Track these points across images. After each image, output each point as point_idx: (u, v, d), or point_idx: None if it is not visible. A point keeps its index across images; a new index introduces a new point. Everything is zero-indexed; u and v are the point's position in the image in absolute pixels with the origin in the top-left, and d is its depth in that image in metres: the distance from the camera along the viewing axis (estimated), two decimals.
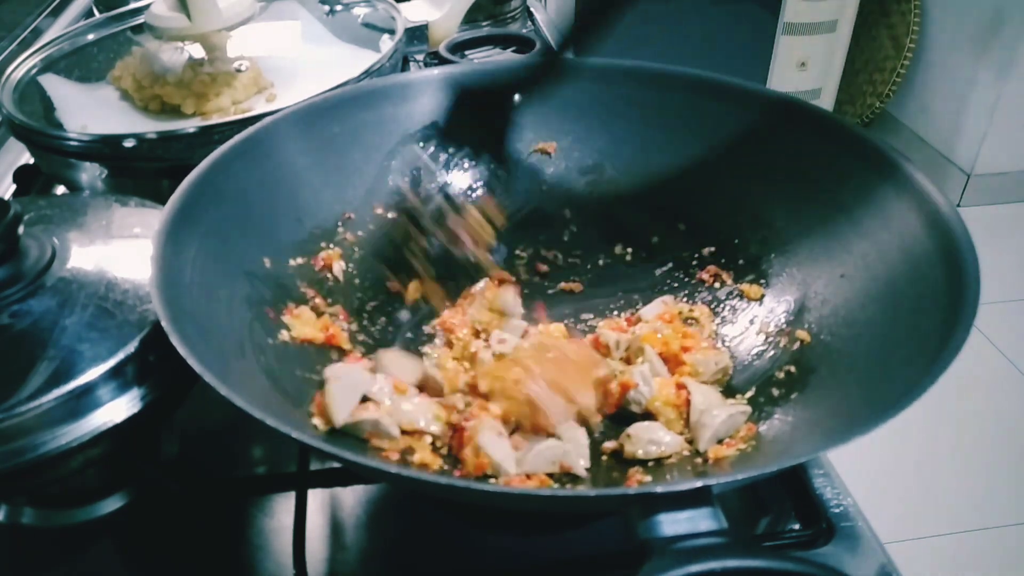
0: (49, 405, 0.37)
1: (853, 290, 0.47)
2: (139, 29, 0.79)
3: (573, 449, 0.43)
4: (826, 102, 2.35)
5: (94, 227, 0.48)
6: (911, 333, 0.40)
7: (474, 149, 0.60)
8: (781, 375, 0.46)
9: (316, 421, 0.43)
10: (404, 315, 0.54)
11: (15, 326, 0.40)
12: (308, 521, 0.45)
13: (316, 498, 0.47)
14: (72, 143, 0.62)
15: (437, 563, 0.45)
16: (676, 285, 0.56)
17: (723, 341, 0.51)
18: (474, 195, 0.59)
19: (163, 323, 0.36)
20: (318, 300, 0.51)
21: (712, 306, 0.54)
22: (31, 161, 0.74)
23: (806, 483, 0.46)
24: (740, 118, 0.55)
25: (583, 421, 0.45)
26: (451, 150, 0.60)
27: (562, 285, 0.57)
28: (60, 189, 0.73)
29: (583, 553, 0.44)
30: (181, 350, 0.34)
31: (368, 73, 0.67)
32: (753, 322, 0.51)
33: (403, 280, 0.54)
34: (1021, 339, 1.79)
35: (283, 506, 0.47)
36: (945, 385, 0.33)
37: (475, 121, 0.59)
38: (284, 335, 0.47)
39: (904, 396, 0.33)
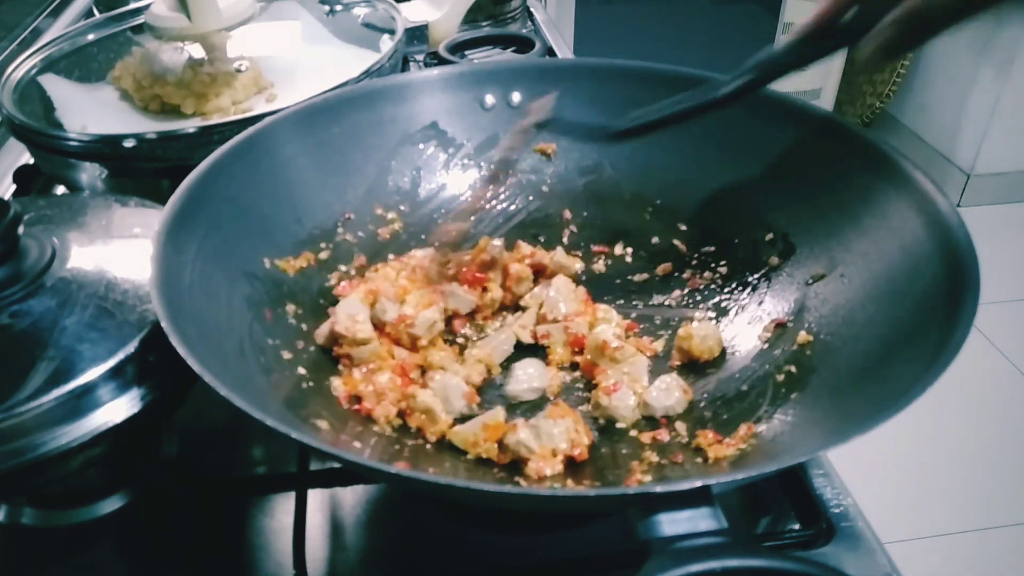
0: (49, 405, 0.37)
1: (853, 290, 0.47)
2: (139, 29, 0.79)
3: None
4: (826, 102, 2.35)
5: (94, 227, 0.48)
6: (911, 333, 0.40)
7: (474, 149, 0.60)
8: (781, 375, 0.46)
9: (321, 422, 0.43)
10: None
11: (15, 326, 0.40)
12: (308, 521, 0.45)
13: (316, 498, 0.47)
14: (72, 143, 0.62)
15: (437, 563, 0.45)
16: (676, 285, 0.56)
17: (724, 341, 0.51)
18: None
19: (163, 323, 0.36)
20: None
21: (712, 306, 0.54)
22: (31, 161, 0.74)
23: (806, 483, 0.46)
24: (740, 118, 0.55)
25: None
26: (451, 150, 0.60)
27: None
28: (60, 189, 0.73)
29: (583, 553, 0.44)
30: (181, 350, 0.34)
31: (368, 73, 0.67)
32: (753, 322, 0.51)
33: None
34: (1021, 339, 1.79)
35: (283, 506, 0.47)
36: (945, 385, 0.33)
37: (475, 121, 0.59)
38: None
39: (904, 396, 0.33)
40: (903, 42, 0.41)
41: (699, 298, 0.54)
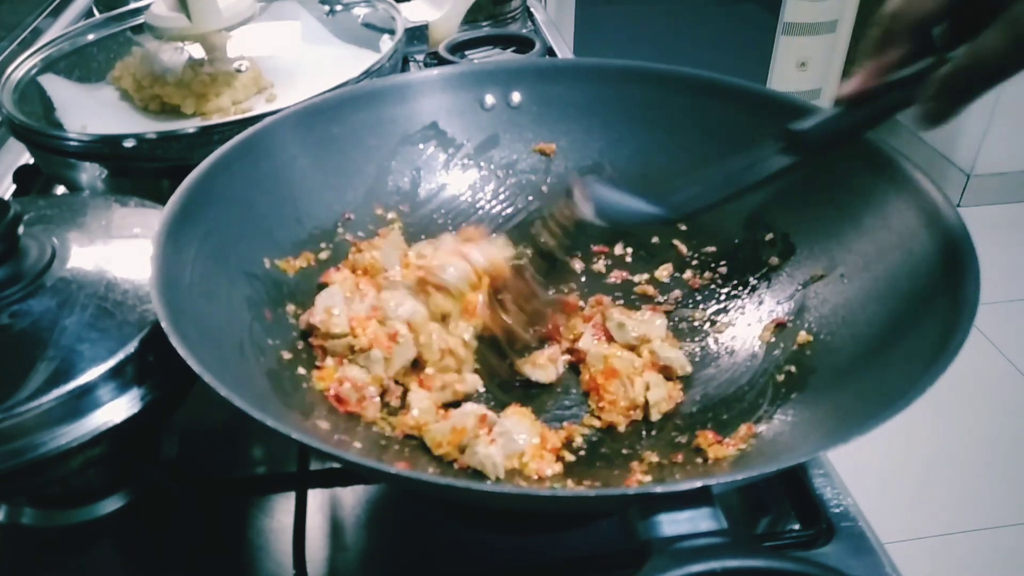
0: (49, 405, 0.37)
1: (853, 290, 0.47)
2: (139, 29, 0.79)
3: None
4: (826, 102, 2.35)
5: (94, 227, 0.48)
6: (911, 333, 0.40)
7: (474, 149, 0.60)
8: (781, 375, 0.46)
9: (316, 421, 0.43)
10: None
11: (15, 326, 0.40)
12: (308, 521, 0.45)
13: (316, 498, 0.47)
14: (72, 143, 0.62)
15: (437, 563, 0.45)
16: (676, 285, 0.56)
17: (724, 341, 0.51)
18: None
19: (163, 323, 0.36)
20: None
21: (712, 306, 0.54)
22: (31, 161, 0.74)
23: (806, 483, 0.46)
24: (740, 118, 0.55)
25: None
26: (451, 150, 0.60)
27: (562, 286, 0.57)
28: (60, 189, 0.73)
29: (583, 553, 0.44)
30: (181, 350, 0.34)
31: (368, 73, 0.67)
32: (753, 322, 0.51)
33: None
34: (1021, 339, 1.79)
35: (283, 506, 0.47)
36: (945, 385, 0.33)
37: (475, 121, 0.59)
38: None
39: (904, 396, 0.33)
40: (956, 99, 0.38)
41: (699, 298, 0.54)
